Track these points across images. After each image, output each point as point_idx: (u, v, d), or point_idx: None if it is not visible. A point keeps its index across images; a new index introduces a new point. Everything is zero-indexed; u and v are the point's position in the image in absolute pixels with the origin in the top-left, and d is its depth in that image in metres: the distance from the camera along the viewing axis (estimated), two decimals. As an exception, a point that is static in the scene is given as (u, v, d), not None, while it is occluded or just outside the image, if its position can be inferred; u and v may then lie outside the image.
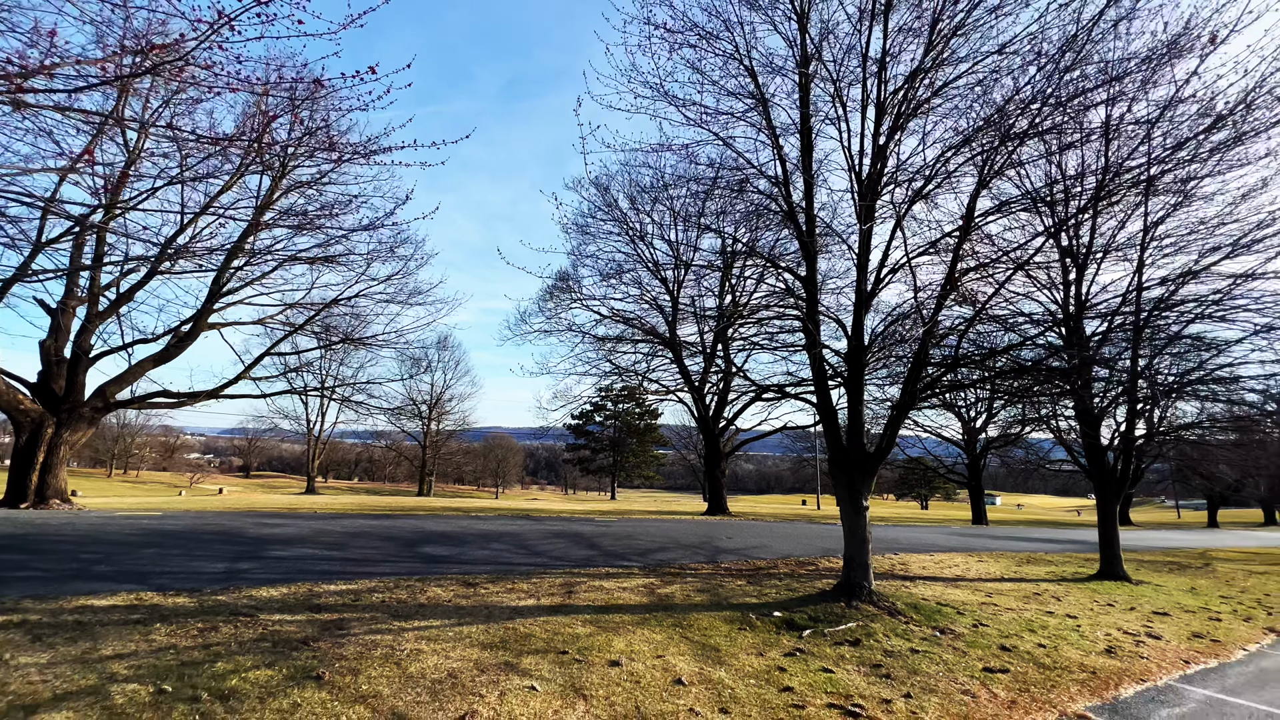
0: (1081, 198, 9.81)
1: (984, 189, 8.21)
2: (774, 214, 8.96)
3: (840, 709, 4.26)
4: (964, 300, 8.89)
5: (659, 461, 60.25)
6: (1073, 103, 7.71)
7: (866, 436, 8.19)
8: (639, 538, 13.27)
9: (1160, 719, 4.65)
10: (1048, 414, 15.14)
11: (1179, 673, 5.95)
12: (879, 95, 7.95)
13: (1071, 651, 6.23)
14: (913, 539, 18.03)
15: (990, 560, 13.37)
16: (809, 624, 6.30)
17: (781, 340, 11.67)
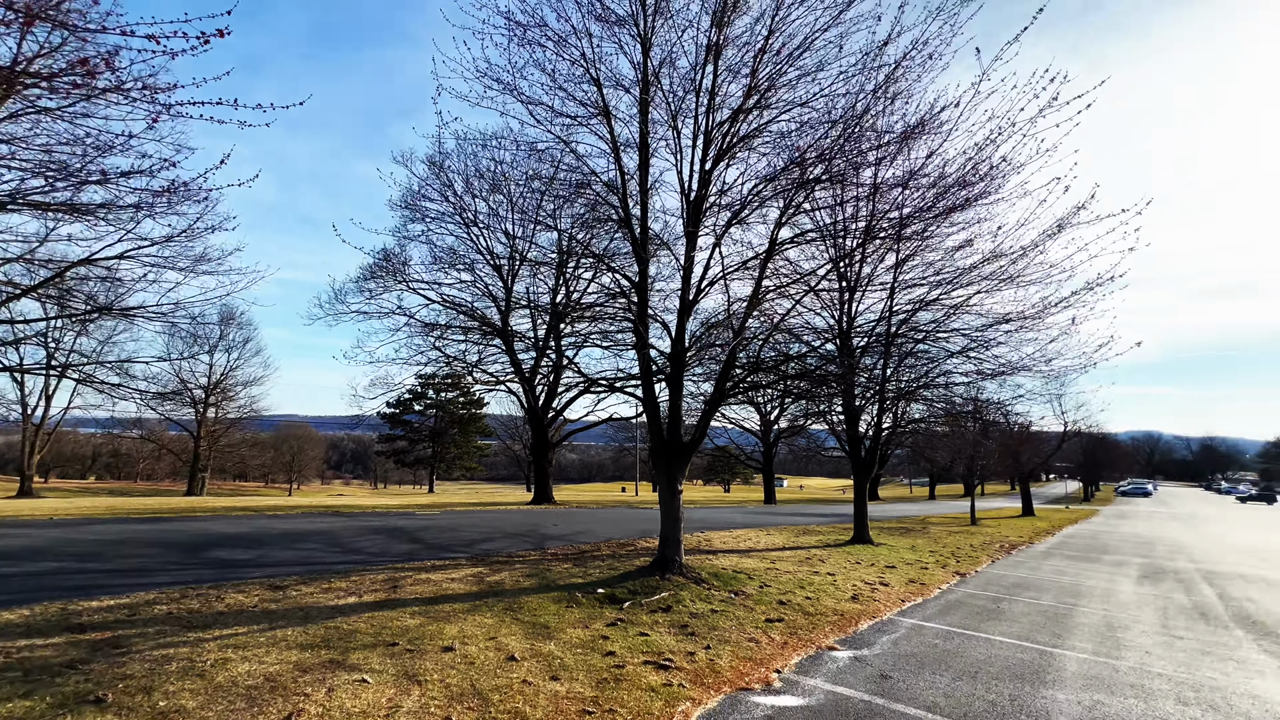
0: (856, 237, 12.01)
1: (787, 221, 9.72)
2: (611, 220, 9.56)
3: (654, 664, 4.94)
4: (765, 313, 10.42)
5: (482, 452, 58.65)
6: (853, 159, 9.48)
7: (683, 428, 9.21)
8: (464, 530, 13.10)
9: (881, 642, 6.16)
10: (825, 410, 18.16)
11: (898, 609, 7.82)
12: (707, 126, 8.94)
13: (829, 601, 7.82)
14: (716, 518, 20.28)
15: (775, 533, 15.69)
16: (628, 597, 7.01)
17: (613, 337, 12.44)
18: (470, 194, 19.89)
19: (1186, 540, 20.81)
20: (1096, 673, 5.49)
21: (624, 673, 4.67)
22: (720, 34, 8.49)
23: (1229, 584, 11.29)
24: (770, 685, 4.72)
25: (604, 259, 10.29)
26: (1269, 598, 9.98)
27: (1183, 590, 10.38)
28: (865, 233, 12.36)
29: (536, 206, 11.59)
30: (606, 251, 12.28)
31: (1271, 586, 11.24)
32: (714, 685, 4.61)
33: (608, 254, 11.75)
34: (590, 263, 14.08)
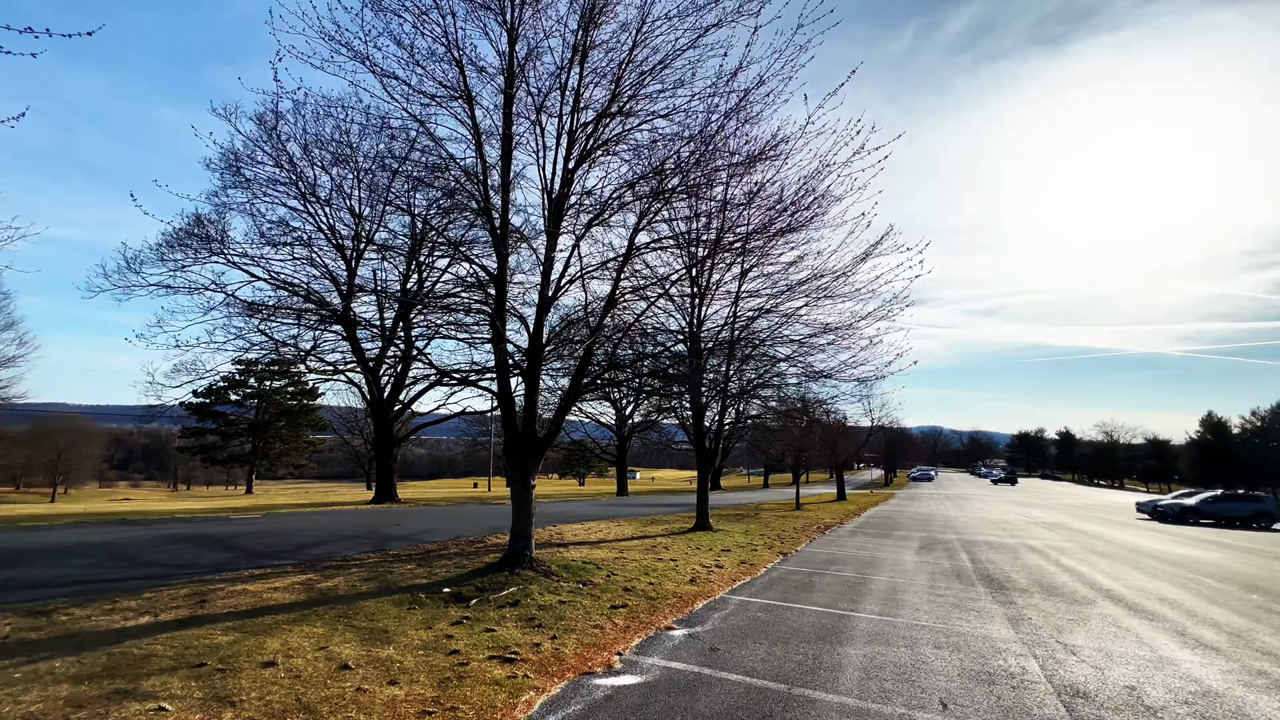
0: (707, 247, 12.88)
1: (645, 226, 10.18)
2: (470, 209, 9.29)
3: (499, 658, 4.99)
4: (623, 313, 10.82)
5: (315, 448, 53.00)
6: (708, 175, 10.20)
7: (539, 423, 9.27)
8: (292, 534, 11.89)
9: (713, 619, 6.79)
10: (676, 405, 19.21)
11: (730, 588, 8.63)
12: (572, 126, 9.05)
13: (670, 585, 8.40)
14: (570, 512, 20.52)
15: (625, 524, 16.33)
16: (476, 594, 6.94)
17: (468, 329, 12.03)
18: (310, 163, 17.90)
19: (954, 516, 25.34)
20: (879, 630, 6.59)
21: (468, 670, 4.67)
22: (588, 36, 8.65)
23: (979, 550, 14.03)
24: (612, 667, 5.02)
25: (461, 248, 9.95)
26: (1002, 559, 12.60)
27: (948, 557, 12.70)
28: (715, 244, 13.31)
29: (388, 186, 10.79)
30: (464, 240, 11.81)
31: (1004, 550, 14.17)
32: (558, 673, 4.79)
33: (465, 243, 11.33)
34: (446, 251, 13.42)
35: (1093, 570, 11.45)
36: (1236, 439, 66.79)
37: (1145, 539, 18.33)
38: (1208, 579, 10.93)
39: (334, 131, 15.30)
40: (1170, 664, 5.65)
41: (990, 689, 4.78)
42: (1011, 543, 15.79)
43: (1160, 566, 12.35)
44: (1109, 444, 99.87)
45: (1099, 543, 16.61)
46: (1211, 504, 26.57)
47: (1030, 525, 21.61)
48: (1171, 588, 9.87)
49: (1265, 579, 11.22)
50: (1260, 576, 11.51)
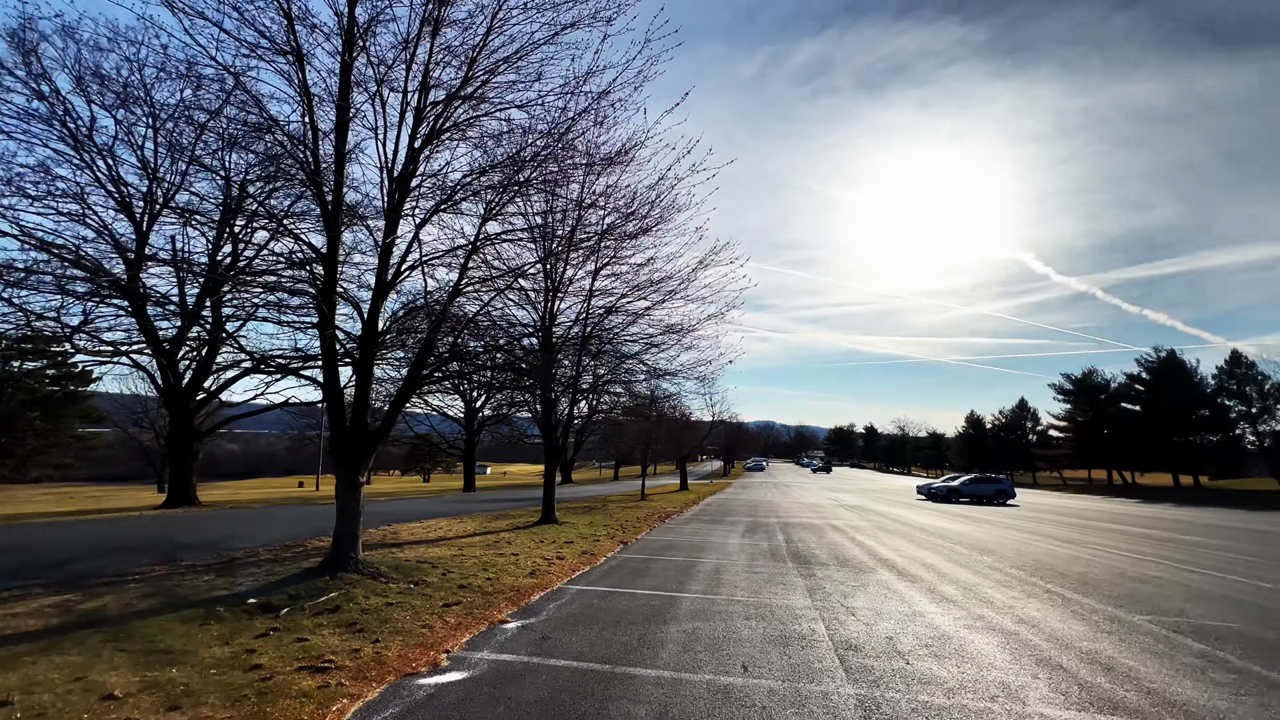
0: (562, 242, 12.97)
1: (497, 215, 9.97)
2: (298, 181, 8.40)
3: (311, 668, 4.65)
4: (471, 303, 10.51)
5: (86, 444, 43.83)
6: (566, 170, 10.26)
7: (373, 415, 8.69)
8: (40, 549, 9.85)
9: (548, 609, 6.94)
10: (527, 399, 19.02)
11: (568, 578, 8.84)
12: (420, 103, 8.58)
13: (508, 579, 8.38)
14: (410, 509, 19.40)
15: (469, 520, 15.87)
16: (288, 603, 6.35)
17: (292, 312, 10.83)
18: (86, 100, 14.75)
19: (778, 502, 28.24)
20: (701, 607, 7.22)
21: (271, 685, 4.30)
22: (440, 10, 8.25)
23: (794, 531, 15.85)
24: (438, 666, 4.93)
25: (284, 222, 8.95)
26: (811, 538, 14.39)
27: (767, 539, 14.18)
28: (569, 240, 13.47)
29: (194, 142, 9.33)
30: (290, 213, 10.58)
31: (814, 530, 16.18)
32: (378, 677, 4.60)
33: (291, 216, 10.19)
34: (268, 223, 11.83)
35: (878, 544, 13.54)
36: (989, 432, 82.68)
37: (919, 516, 22.02)
38: (957, 546, 13.50)
39: (121, 68, 12.80)
40: (920, 616, 6.95)
41: (784, 650, 5.50)
42: (820, 524, 18.05)
43: (927, 538, 14.96)
44: (901, 437, 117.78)
45: (886, 520, 19.64)
46: (968, 485, 32.67)
47: (837, 508, 24.82)
48: (931, 554, 12.03)
49: (995, 544, 14.12)
50: (992, 542, 14.46)
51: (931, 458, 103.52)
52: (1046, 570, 10.38)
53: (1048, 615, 7.12)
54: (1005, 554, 12.34)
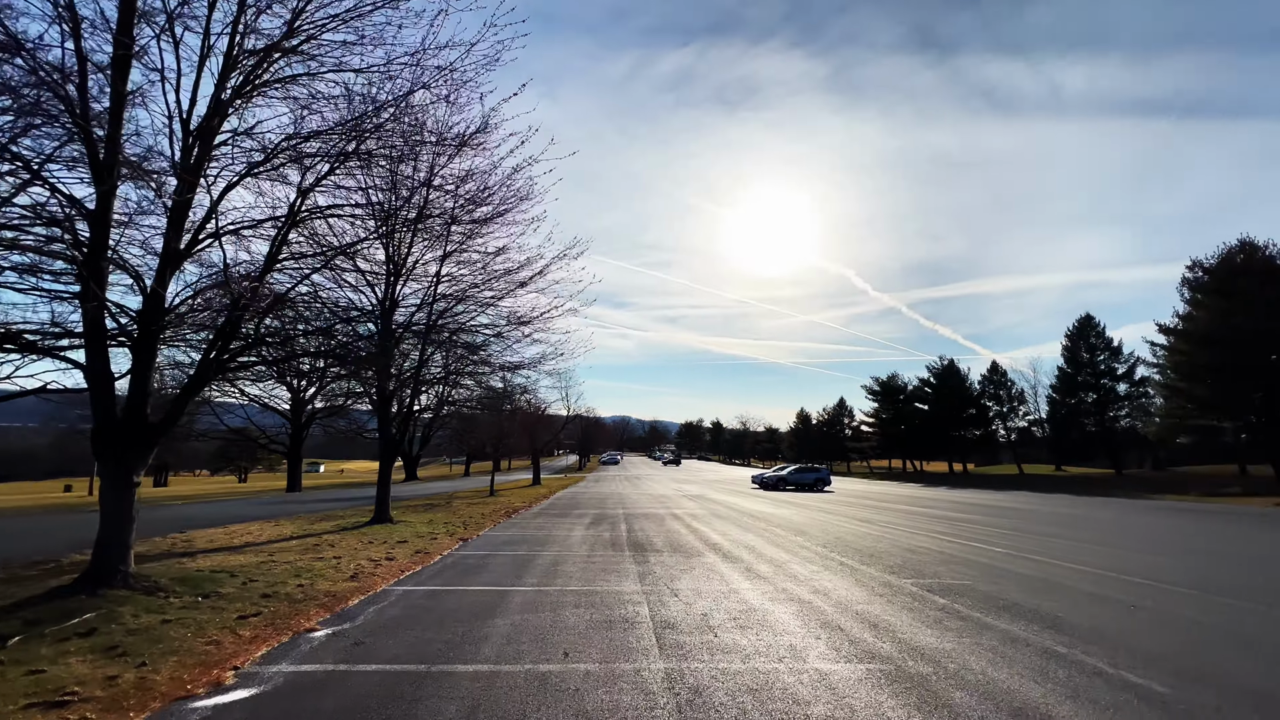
0: (407, 222, 12.16)
1: (330, 185, 9.05)
2: (58, 122, 6.90)
3: (45, 704, 3.89)
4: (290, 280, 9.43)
5: None
6: (412, 145, 9.61)
7: (153, 405, 7.43)
8: None
9: (367, 614, 6.50)
10: (366, 390, 17.55)
11: (396, 580, 8.34)
12: (232, 49, 7.53)
13: (324, 584, 7.70)
14: (215, 514, 16.96)
15: (288, 523, 14.28)
16: (23, 630, 5.24)
17: (54, 279, 8.86)
18: None
19: (627, 494, 29.17)
20: (533, 600, 7.24)
21: (-18, 729, 3.53)
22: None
23: (637, 521, 16.49)
24: (220, 685, 4.39)
25: (36, 167, 7.29)
26: (652, 527, 15.09)
27: (611, 529, 14.60)
28: (416, 221, 12.69)
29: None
30: (50, 158, 8.62)
31: (655, 520, 17.00)
32: (138, 705, 3.98)
33: (44, 161, 8.34)
34: (15, 168, 9.42)
35: (710, 530, 14.60)
36: (815, 427, 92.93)
37: (750, 503, 24.11)
38: (777, 529, 15.01)
39: None
40: (735, 593, 7.63)
41: (608, 634, 5.73)
42: (663, 514, 18.98)
43: (753, 522, 16.44)
44: (743, 431, 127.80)
45: (721, 508, 21.22)
46: (794, 474, 36.44)
47: (680, 498, 26.28)
48: (754, 537, 13.25)
49: (808, 525, 15.94)
50: (806, 524, 16.30)
51: (768, 450, 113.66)
52: (845, 546, 11.96)
53: (838, 585, 8.22)
54: (814, 534, 13.99)
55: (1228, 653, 5.36)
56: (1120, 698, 4.27)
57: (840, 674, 4.69)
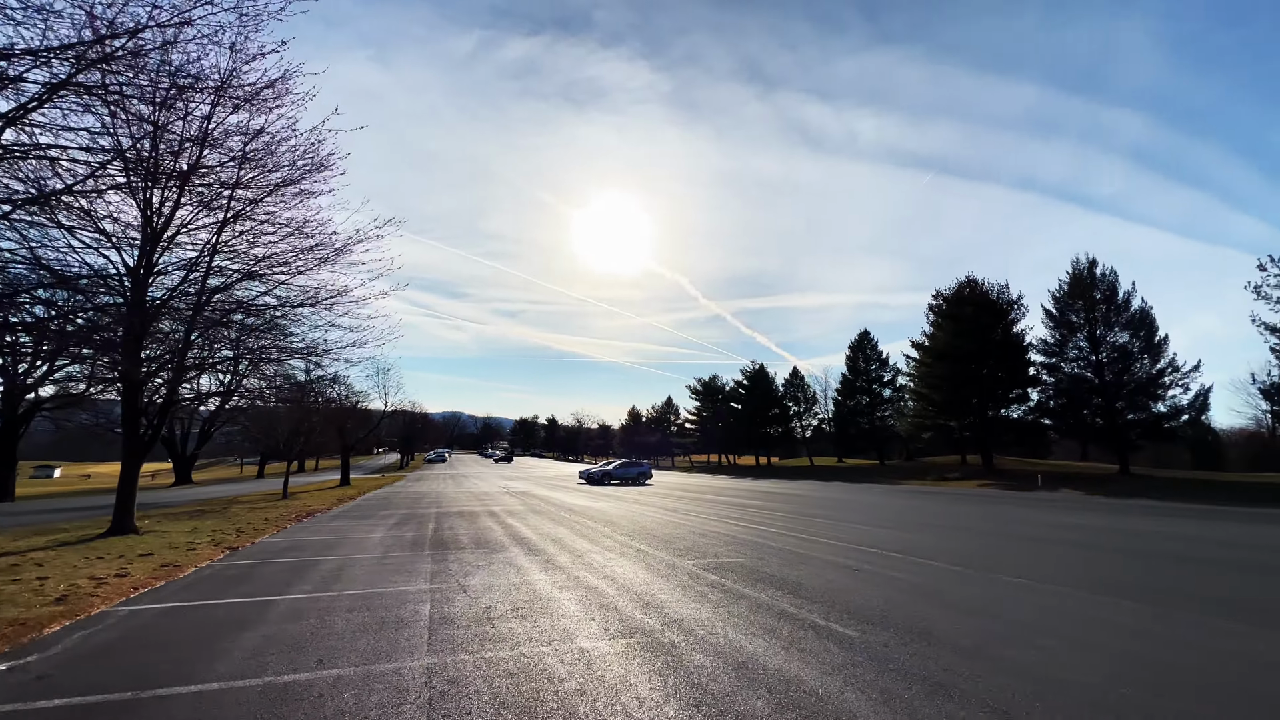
0: (175, 177, 10.33)
1: (48, 110, 7.33)
2: None
3: None
4: None
5: None
6: (177, 84, 8.18)
7: None
8: None
9: (66, 641, 5.38)
10: (113, 374, 14.48)
11: (123, 600, 7.04)
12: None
13: (12, 612, 6.23)
14: None
15: (-24, 541, 11.26)
16: None
17: None
18: None
19: (447, 492, 27.89)
20: (299, 608, 6.61)
21: None
22: None
23: (449, 520, 15.86)
24: None
25: None
26: (463, 525, 14.64)
27: (417, 529, 13.85)
28: (186, 177, 10.88)
29: None
30: None
31: (469, 517, 16.52)
32: None
33: None
34: None
35: (523, 525, 14.59)
36: (644, 424, 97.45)
37: (572, 498, 24.54)
38: (589, 521, 15.50)
39: None
40: (528, 584, 7.74)
41: (375, 636, 5.46)
42: (480, 510, 18.50)
43: (569, 516, 16.77)
44: (578, 428, 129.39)
45: (541, 504, 21.29)
46: (618, 469, 37.85)
47: (503, 495, 25.82)
48: (564, 530, 13.54)
49: (620, 516, 16.70)
50: (618, 515, 17.06)
51: (600, 446, 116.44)
52: (646, 534, 12.75)
53: (628, 569, 8.76)
54: (623, 524, 14.70)
55: (915, 603, 6.76)
56: (821, 644, 5.17)
57: (601, 650, 5.03)
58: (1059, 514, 17.70)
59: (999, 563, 9.24)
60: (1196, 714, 3.78)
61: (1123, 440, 35.07)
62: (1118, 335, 35.31)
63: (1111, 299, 35.47)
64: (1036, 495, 27.30)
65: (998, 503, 22.63)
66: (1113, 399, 34.91)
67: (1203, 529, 14.02)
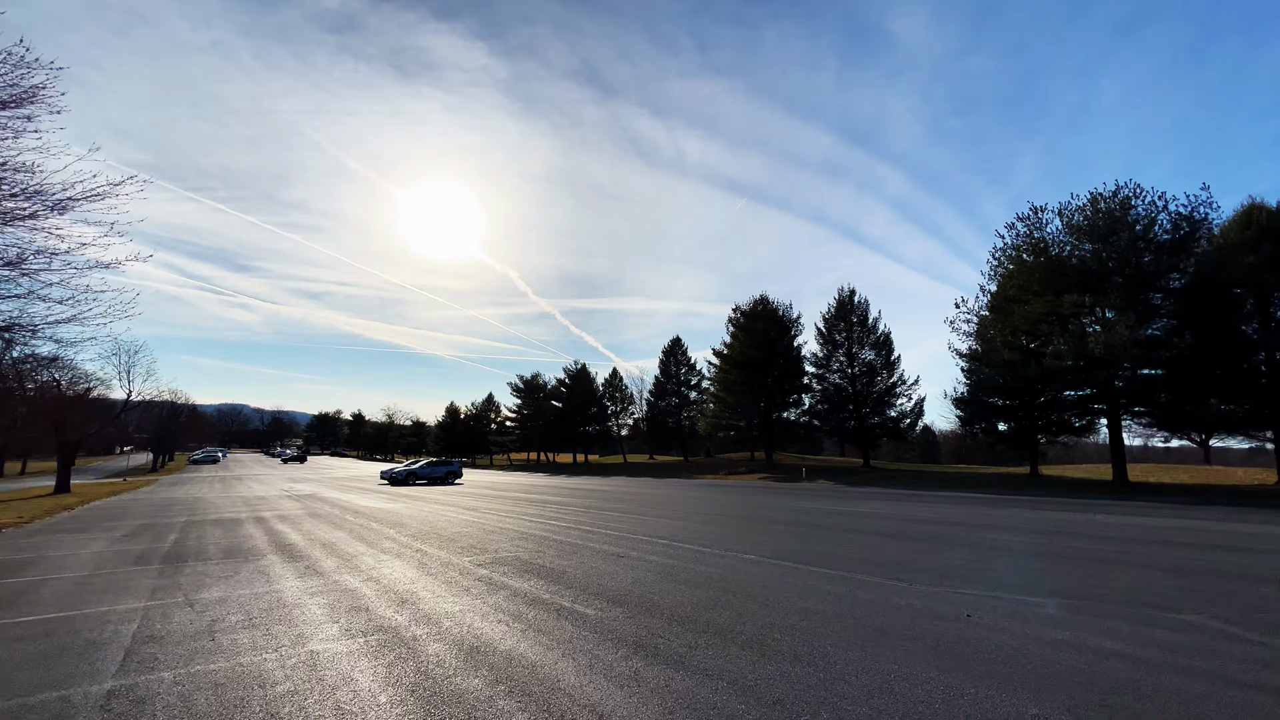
0: None
1: None
2: None
3: None
4: None
5: None
6: None
7: None
8: None
9: None
10: None
11: None
12: None
13: None
14: None
15: None
16: None
17: None
18: None
19: (207, 498, 24.04)
20: (-54, 642, 5.40)
21: None
22: None
23: (198, 529, 13.80)
24: None
25: None
26: (216, 534, 12.87)
27: (151, 542, 11.85)
28: None
29: None
30: None
31: (227, 526, 14.56)
32: None
33: None
34: None
35: (294, 531, 13.30)
36: (463, 421, 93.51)
37: (366, 500, 22.82)
38: (375, 523, 14.65)
39: None
40: (274, 593, 7.20)
41: (45, 665, 4.72)
42: (245, 517, 16.36)
43: (353, 519, 15.64)
44: (388, 424, 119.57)
45: (326, 507, 19.48)
46: (425, 469, 35.98)
47: (282, 499, 23.02)
48: (342, 534, 12.66)
49: (412, 518, 16.04)
50: (411, 516, 16.37)
51: (413, 444, 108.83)
52: (432, 534, 12.48)
53: (397, 570, 8.58)
54: (411, 525, 14.17)
55: (659, 582, 7.68)
56: (559, 624, 5.72)
57: (332, 651, 4.98)
58: (808, 500, 21.10)
59: (739, 543, 10.85)
60: (820, 632, 5.00)
61: (867, 439, 42.78)
62: (867, 353, 43.02)
63: (864, 323, 43.11)
64: (801, 486, 32.05)
65: (766, 493, 26.15)
66: (861, 405, 42.42)
67: (898, 509, 17.85)
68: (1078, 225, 27.14)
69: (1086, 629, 5.43)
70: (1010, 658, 4.70)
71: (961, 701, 3.88)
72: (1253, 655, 4.74)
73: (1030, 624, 5.60)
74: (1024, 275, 28.52)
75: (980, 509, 17.50)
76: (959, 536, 11.64)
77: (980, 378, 31.28)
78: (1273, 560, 8.97)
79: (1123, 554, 9.49)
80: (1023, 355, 28.78)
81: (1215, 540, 11.02)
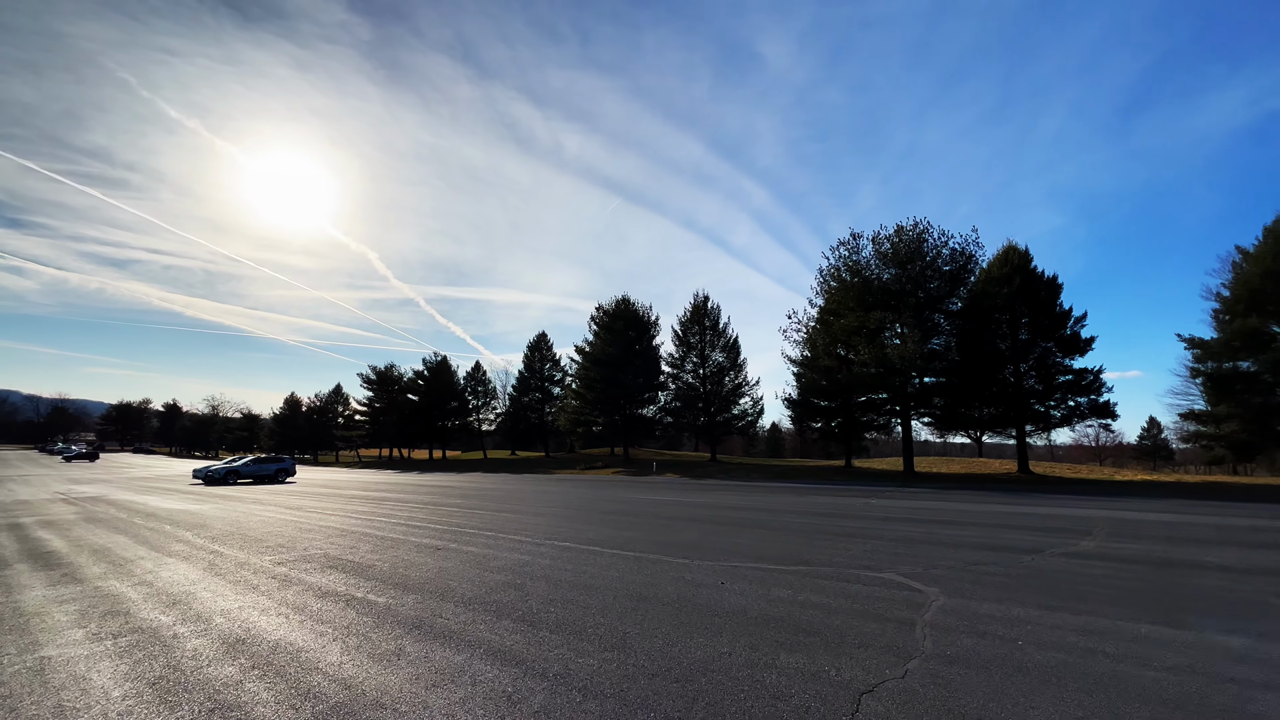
0: None
1: None
2: None
3: None
4: None
5: None
6: None
7: None
8: None
9: None
10: None
11: None
12: None
13: None
14: None
15: None
16: None
17: None
18: None
19: (-56, 504, 19.78)
20: None
21: None
22: None
23: (-78, 540, 11.50)
24: None
25: None
26: (-52, 544, 10.87)
27: None
28: None
29: None
30: None
31: (-31, 534, 12.30)
32: None
33: None
34: None
35: (60, 536, 11.62)
36: (304, 414, 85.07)
37: (168, 501, 20.23)
38: (171, 526, 13.22)
39: None
40: (11, 603, 6.45)
41: None
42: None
43: (143, 523, 13.94)
44: (211, 417, 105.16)
45: (112, 510, 17.04)
46: (250, 466, 32.50)
47: (54, 502, 19.67)
48: (123, 538, 11.32)
49: (221, 520, 14.66)
50: (220, 519, 14.94)
51: (242, 439, 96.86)
52: (237, 536, 11.62)
53: (179, 572, 8.02)
54: (216, 527, 13.00)
55: (464, 570, 7.99)
56: (344, 613, 5.86)
57: (68, 655, 4.73)
58: (649, 493, 22.47)
59: (560, 533, 11.50)
60: (587, 605, 5.70)
61: (714, 435, 46.17)
62: (717, 355, 46.44)
63: (715, 327, 46.49)
64: (649, 480, 33.81)
65: (614, 487, 27.32)
66: (710, 403, 45.68)
67: (724, 499, 19.73)
68: (885, 252, 31.73)
69: (806, 589, 6.74)
70: (733, 612, 5.76)
71: (673, 646, 4.76)
72: (902, 598, 6.26)
73: (766, 587, 6.81)
74: (843, 292, 32.70)
75: (792, 497, 19.92)
76: (757, 520, 13.31)
77: (807, 381, 35.26)
78: (973, 530, 11.49)
79: (870, 530, 11.57)
80: (839, 363, 32.99)
81: (945, 517, 13.75)
